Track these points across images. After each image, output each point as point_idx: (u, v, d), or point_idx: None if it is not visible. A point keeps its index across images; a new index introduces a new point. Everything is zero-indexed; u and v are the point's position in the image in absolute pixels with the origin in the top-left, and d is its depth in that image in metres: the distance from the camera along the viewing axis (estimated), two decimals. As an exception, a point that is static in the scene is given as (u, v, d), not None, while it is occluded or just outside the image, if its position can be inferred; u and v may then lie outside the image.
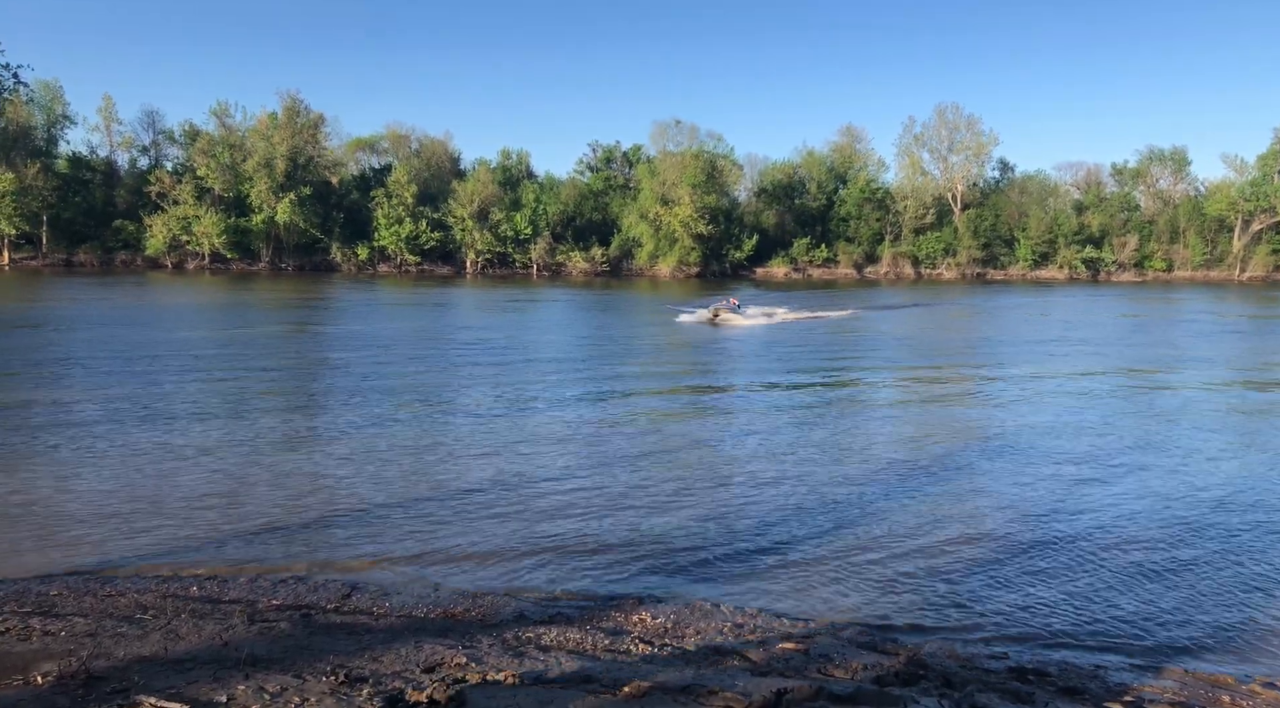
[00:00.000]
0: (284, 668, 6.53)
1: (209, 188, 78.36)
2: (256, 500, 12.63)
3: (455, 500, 12.89)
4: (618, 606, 9.16)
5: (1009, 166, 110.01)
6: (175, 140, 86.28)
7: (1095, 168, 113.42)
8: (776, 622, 8.85)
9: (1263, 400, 24.48)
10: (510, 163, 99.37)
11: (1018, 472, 15.46)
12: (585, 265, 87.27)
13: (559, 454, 16.03)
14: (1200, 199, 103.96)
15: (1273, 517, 13.17)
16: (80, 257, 76.37)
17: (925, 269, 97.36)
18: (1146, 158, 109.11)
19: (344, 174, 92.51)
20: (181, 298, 51.33)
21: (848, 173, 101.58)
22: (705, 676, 6.86)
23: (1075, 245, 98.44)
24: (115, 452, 15.09)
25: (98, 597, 8.74)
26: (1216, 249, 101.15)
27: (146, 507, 12.16)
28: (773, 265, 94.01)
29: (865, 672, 7.27)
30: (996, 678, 7.50)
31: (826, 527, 12.16)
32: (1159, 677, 8.00)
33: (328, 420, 18.29)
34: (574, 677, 6.60)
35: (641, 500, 13.15)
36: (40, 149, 77.14)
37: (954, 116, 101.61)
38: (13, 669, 6.38)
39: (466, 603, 9.04)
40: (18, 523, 11.32)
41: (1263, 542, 12.03)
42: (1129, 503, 13.70)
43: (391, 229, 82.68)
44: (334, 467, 14.74)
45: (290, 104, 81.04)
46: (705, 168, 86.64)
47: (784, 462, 15.84)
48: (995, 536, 11.96)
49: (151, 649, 6.97)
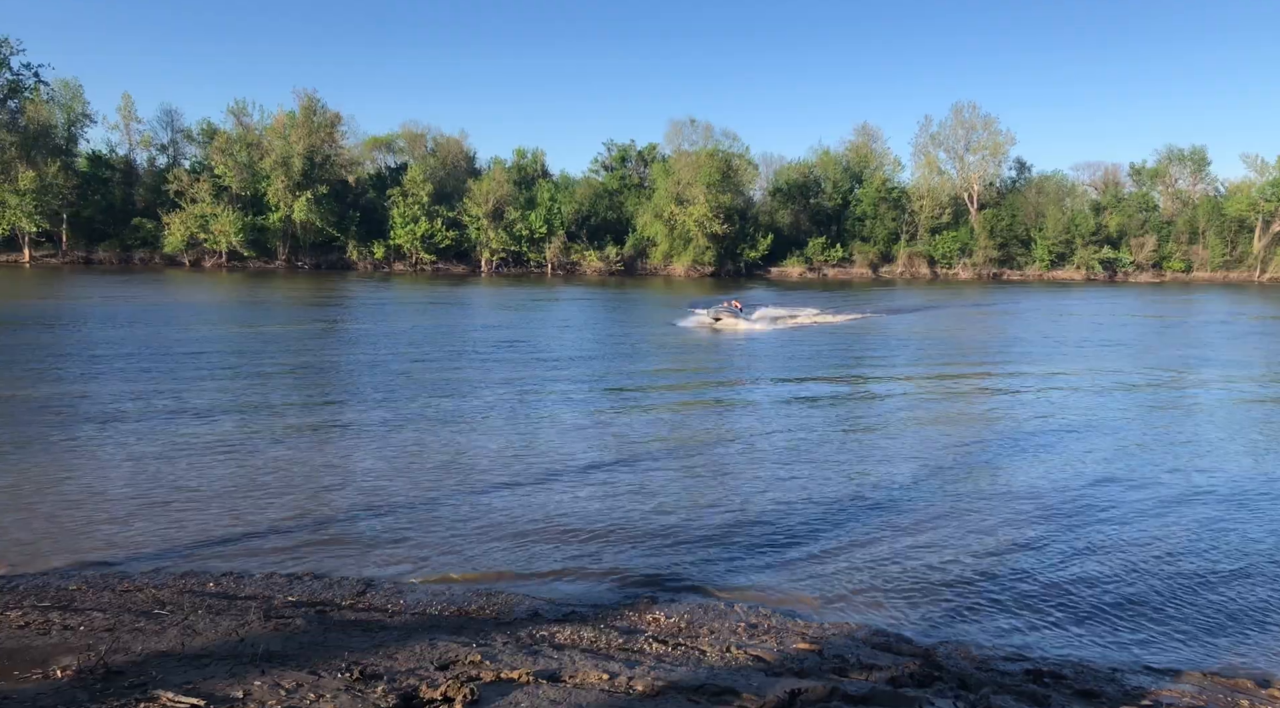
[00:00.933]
0: (299, 664, 6.56)
1: (226, 186, 78.93)
2: (273, 497, 12.71)
3: (470, 498, 12.93)
4: (632, 605, 9.16)
5: (1026, 166, 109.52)
6: (193, 139, 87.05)
7: (1113, 168, 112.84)
8: (790, 622, 8.83)
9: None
10: (525, 162, 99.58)
11: (1040, 474, 15.36)
12: (600, 264, 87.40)
13: (574, 452, 16.04)
14: (1220, 199, 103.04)
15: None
16: (99, 254, 77.16)
17: (941, 269, 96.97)
18: (1165, 158, 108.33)
19: (360, 173, 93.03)
20: (200, 295, 51.70)
21: (863, 172, 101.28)
22: (719, 675, 6.85)
23: (1093, 246, 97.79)
24: (134, 447, 15.21)
25: (116, 592, 8.81)
26: (1236, 250, 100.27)
27: (164, 502, 12.25)
28: (787, 265, 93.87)
29: (880, 673, 7.24)
30: (1012, 680, 7.46)
31: (842, 527, 12.12)
32: (1177, 680, 7.94)
33: (345, 418, 18.39)
34: (588, 675, 6.61)
35: (656, 499, 13.15)
36: (61, 148, 77.95)
37: (971, 116, 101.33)
38: (33, 663, 6.44)
39: (481, 601, 9.06)
40: (38, 518, 11.42)
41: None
42: (1154, 505, 13.57)
43: (407, 228, 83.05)
44: (350, 464, 14.82)
45: (307, 103, 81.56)
46: (720, 167, 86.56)
47: (800, 461, 15.80)
48: (1014, 537, 11.88)
49: (169, 644, 7.01)
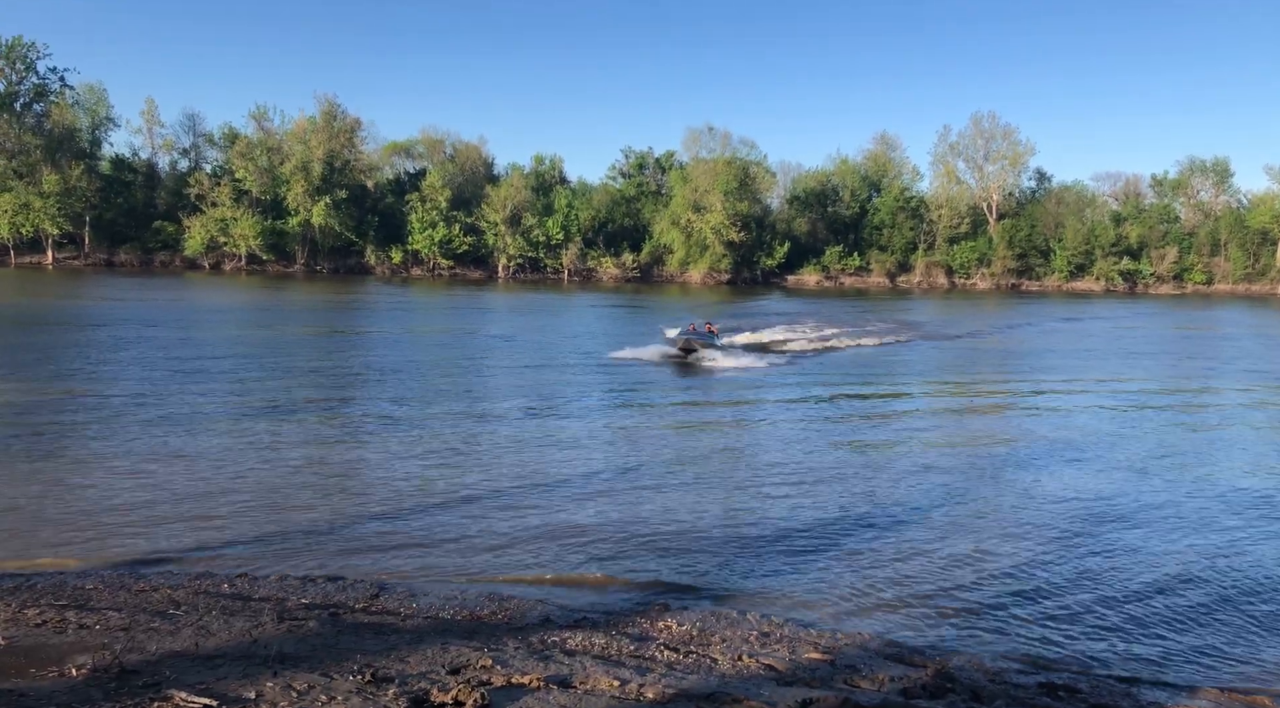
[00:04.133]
0: (312, 667, 6.59)
1: (247, 190, 79.63)
2: (289, 499, 12.78)
3: (484, 504, 12.96)
4: (644, 612, 9.15)
5: (1046, 176, 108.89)
6: (215, 143, 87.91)
7: (1134, 179, 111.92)
8: (803, 631, 8.79)
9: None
10: (543, 168, 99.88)
11: (1059, 487, 15.24)
12: (616, 271, 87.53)
13: (588, 458, 16.06)
14: (1243, 211, 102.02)
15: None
16: (121, 257, 77.89)
17: (959, 279, 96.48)
18: (1187, 169, 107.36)
19: (379, 178, 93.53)
20: (221, 298, 52.15)
21: (882, 181, 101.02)
22: (730, 683, 6.83)
23: (1112, 257, 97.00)
24: (151, 447, 15.34)
25: (131, 591, 8.87)
26: (1259, 262, 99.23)
27: (181, 502, 12.35)
28: (804, 273, 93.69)
29: (892, 683, 7.20)
30: (1026, 693, 7.39)
31: (855, 538, 12.07)
32: (1193, 696, 7.85)
33: (362, 421, 18.48)
34: (598, 681, 6.60)
35: (669, 508, 13.13)
36: (84, 151, 78.89)
37: (990, 125, 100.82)
38: (48, 661, 6.50)
39: (493, 606, 9.07)
40: (55, 517, 11.54)
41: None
42: (1173, 520, 13.44)
43: (425, 233, 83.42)
44: (367, 467, 14.89)
45: (327, 108, 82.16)
46: (738, 175, 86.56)
47: (815, 471, 15.74)
48: (1030, 550, 11.79)
49: (183, 645, 7.06)
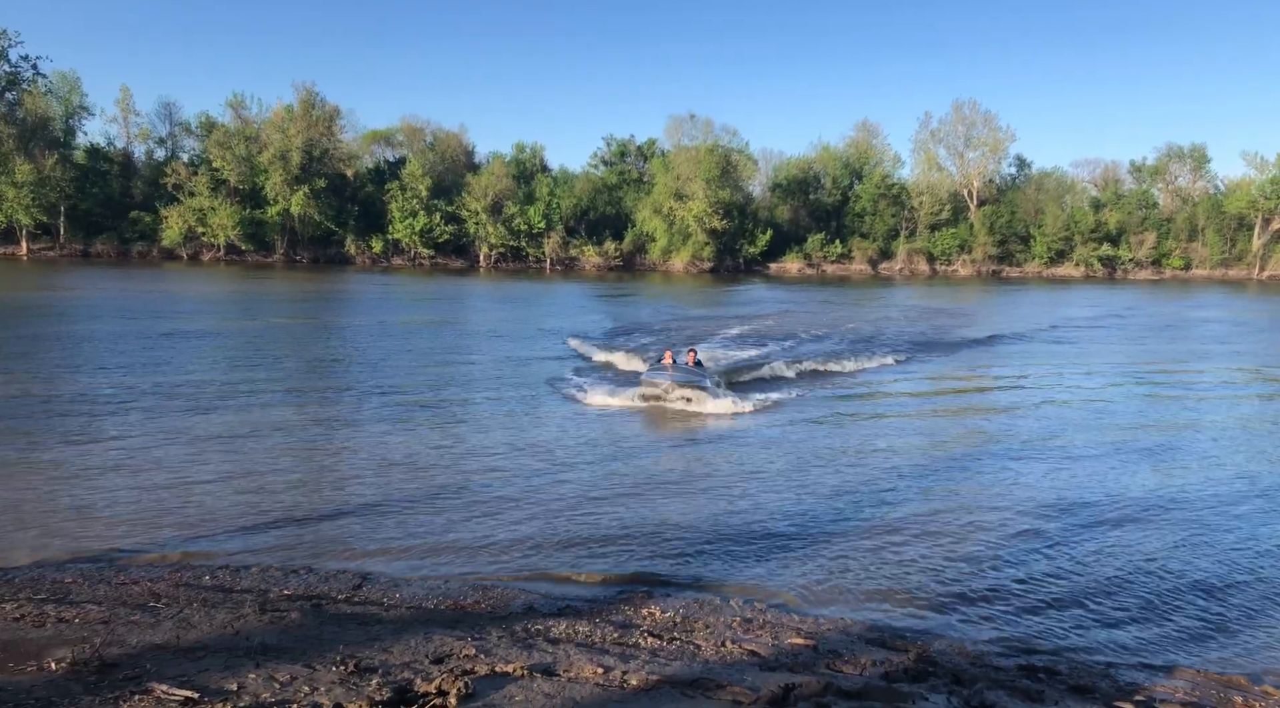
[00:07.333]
0: (294, 657, 6.57)
1: (224, 180, 78.74)
2: (271, 490, 12.70)
3: (468, 493, 12.94)
4: (627, 600, 9.17)
5: (1026, 163, 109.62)
6: (191, 132, 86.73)
7: (1113, 165, 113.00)
8: (785, 617, 8.84)
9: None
10: (524, 156, 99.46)
11: (1044, 471, 15.35)
12: (598, 260, 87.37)
13: (572, 448, 16.04)
14: (1220, 197, 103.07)
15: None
16: (97, 247, 76.88)
17: (940, 265, 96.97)
18: (1165, 155, 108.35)
19: (359, 167, 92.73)
20: (200, 289, 51.66)
21: (863, 168, 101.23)
22: (713, 669, 6.86)
23: (1092, 243, 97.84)
24: (129, 439, 15.19)
25: (112, 584, 8.81)
26: (1235, 247, 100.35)
27: (161, 495, 12.24)
28: (787, 261, 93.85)
29: (874, 668, 7.26)
30: (1006, 675, 7.47)
31: (838, 525, 12.14)
32: (1171, 677, 7.95)
33: (344, 412, 18.37)
34: (582, 669, 6.62)
35: (652, 496, 13.15)
36: (58, 140, 77.56)
37: (971, 112, 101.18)
38: (27, 655, 6.45)
39: (476, 595, 9.07)
40: (34, 510, 11.42)
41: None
42: (1154, 502, 13.58)
43: (405, 222, 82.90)
44: (349, 458, 14.81)
45: (306, 96, 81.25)
46: (720, 163, 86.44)
47: (799, 458, 15.81)
48: (1011, 535, 11.90)
49: (164, 637, 7.02)
